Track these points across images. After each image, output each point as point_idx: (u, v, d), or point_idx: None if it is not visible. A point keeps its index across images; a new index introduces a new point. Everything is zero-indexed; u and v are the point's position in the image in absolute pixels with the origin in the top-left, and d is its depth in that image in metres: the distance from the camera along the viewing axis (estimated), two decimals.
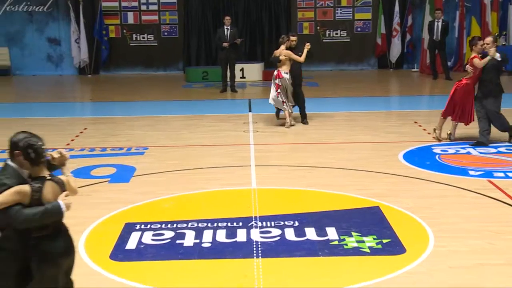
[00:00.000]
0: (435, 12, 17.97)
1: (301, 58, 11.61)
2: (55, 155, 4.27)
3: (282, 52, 11.55)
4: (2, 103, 15.91)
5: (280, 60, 11.53)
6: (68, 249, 4.26)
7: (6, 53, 19.99)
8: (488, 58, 9.66)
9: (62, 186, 4.17)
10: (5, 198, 3.93)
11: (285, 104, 11.59)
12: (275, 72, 11.69)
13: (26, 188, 3.98)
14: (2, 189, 3.96)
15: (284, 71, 11.57)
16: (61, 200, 4.07)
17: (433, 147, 10.02)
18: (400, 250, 5.99)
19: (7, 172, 4.07)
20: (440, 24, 17.59)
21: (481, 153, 9.57)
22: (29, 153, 4.01)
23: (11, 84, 19.00)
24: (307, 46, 11.65)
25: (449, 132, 10.33)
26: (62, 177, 4.22)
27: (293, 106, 11.86)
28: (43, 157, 4.09)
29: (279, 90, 11.49)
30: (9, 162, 4.11)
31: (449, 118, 10.28)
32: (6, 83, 19.09)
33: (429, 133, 10.88)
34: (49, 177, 4.11)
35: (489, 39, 9.98)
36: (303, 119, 11.99)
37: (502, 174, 8.42)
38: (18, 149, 4.03)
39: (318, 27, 20.48)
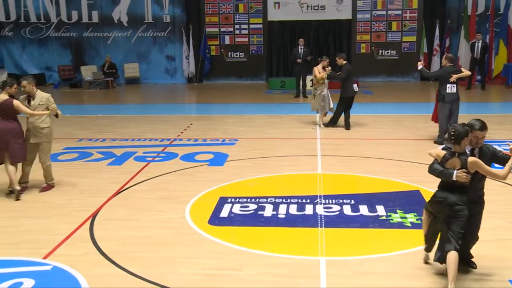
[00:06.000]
0: (476, 35, 17.26)
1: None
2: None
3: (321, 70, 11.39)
4: (134, 104, 16.46)
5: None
6: (439, 203, 4.51)
7: (137, 67, 20.58)
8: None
9: (463, 163, 4.36)
10: (433, 154, 4.59)
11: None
12: None
13: (442, 153, 4.49)
14: (444, 154, 4.48)
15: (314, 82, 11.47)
16: (456, 171, 4.35)
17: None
18: None
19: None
20: (480, 44, 16.90)
21: (503, 149, 9.06)
22: (450, 135, 4.42)
23: (139, 90, 19.52)
24: (328, 70, 11.31)
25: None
26: (471, 158, 4.35)
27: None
28: (460, 140, 4.35)
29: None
30: None
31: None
32: (136, 89, 19.63)
33: None
34: (457, 155, 4.39)
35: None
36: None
37: None
38: None
39: (373, 47, 20.01)
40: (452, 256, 4.35)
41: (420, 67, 9.82)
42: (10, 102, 6.81)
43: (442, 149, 4.54)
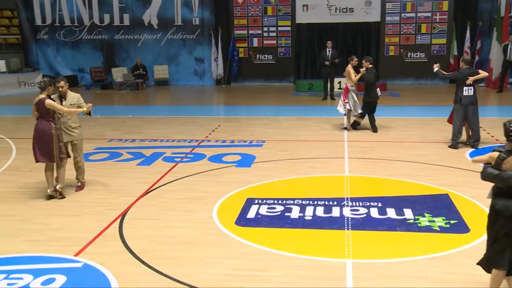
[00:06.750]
0: (509, 37, 16.87)
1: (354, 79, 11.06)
2: None
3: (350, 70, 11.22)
4: (163, 105, 16.63)
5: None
6: (505, 211, 3.98)
7: (166, 69, 20.80)
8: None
9: None
10: (484, 158, 4.17)
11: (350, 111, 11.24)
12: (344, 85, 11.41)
13: (495, 154, 4.04)
14: (498, 154, 4.04)
15: (349, 84, 11.21)
16: None
17: (495, 148, 9.35)
18: (465, 230, 5.67)
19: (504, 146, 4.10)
20: None
21: None
22: (508, 131, 3.98)
23: (169, 92, 19.69)
24: (362, 71, 11.10)
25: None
26: None
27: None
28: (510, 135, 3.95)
29: (346, 100, 11.20)
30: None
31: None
32: (165, 90, 19.81)
33: (492, 136, 10.18)
34: None
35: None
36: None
37: None
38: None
39: (401, 50, 19.76)
40: (498, 276, 4.08)
41: (436, 69, 9.74)
42: (42, 101, 6.87)
43: (494, 150, 4.10)
